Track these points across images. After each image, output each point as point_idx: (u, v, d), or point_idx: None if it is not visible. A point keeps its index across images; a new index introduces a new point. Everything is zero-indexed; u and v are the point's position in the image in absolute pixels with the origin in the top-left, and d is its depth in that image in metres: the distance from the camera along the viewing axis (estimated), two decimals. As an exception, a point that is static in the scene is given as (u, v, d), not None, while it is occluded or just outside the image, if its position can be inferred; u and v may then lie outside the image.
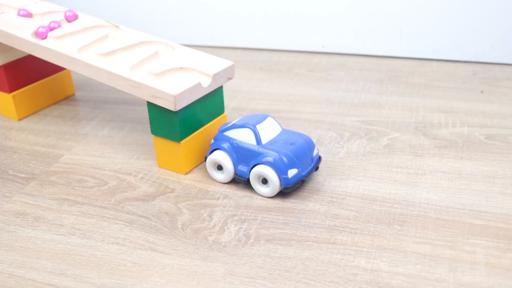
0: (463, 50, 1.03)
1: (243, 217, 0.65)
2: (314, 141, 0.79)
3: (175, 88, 0.67)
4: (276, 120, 0.71)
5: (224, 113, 0.77)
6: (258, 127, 0.68)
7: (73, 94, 0.98)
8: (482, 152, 0.74)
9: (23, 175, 0.75)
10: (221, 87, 0.75)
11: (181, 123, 0.70)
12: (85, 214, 0.67)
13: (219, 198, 0.68)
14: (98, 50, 0.75)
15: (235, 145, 0.68)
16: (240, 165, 0.69)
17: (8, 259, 0.60)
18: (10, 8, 0.86)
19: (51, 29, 0.80)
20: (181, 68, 0.73)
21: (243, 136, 0.68)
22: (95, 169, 0.76)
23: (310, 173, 0.68)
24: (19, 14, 0.80)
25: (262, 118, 0.70)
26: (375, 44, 1.08)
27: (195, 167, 0.75)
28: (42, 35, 0.78)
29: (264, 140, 0.68)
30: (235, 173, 0.69)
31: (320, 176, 0.71)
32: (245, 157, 0.68)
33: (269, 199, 0.67)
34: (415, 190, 0.67)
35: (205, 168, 0.74)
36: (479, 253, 0.57)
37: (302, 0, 1.09)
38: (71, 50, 0.76)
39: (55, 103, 0.95)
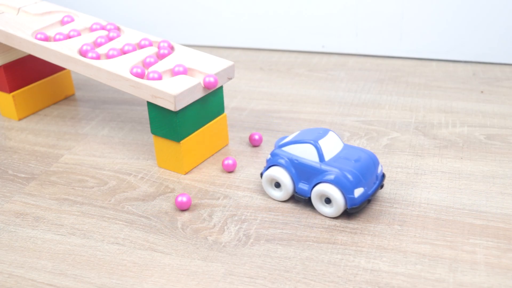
0: (463, 50, 1.03)
1: (243, 217, 0.65)
2: (314, 141, 0.79)
3: (175, 88, 0.67)
4: (337, 135, 0.67)
5: (224, 113, 0.77)
6: (320, 142, 0.63)
7: (73, 94, 0.98)
8: (482, 152, 0.74)
9: (23, 175, 0.75)
10: (221, 87, 0.75)
11: (181, 123, 0.70)
12: (85, 214, 0.67)
13: (219, 198, 0.68)
14: (98, 50, 0.75)
15: (295, 161, 0.64)
16: (301, 183, 0.64)
17: (8, 259, 0.60)
18: (10, 8, 0.86)
19: (98, 45, 0.77)
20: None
21: (304, 152, 0.64)
22: (95, 169, 0.76)
23: (375, 191, 0.63)
24: (36, 38, 0.78)
25: (323, 133, 0.65)
26: (375, 44, 1.08)
27: (195, 167, 0.75)
28: (85, 53, 0.75)
29: (327, 157, 0.63)
30: (295, 191, 0.65)
31: (320, 176, 0.71)
32: (306, 174, 0.64)
33: (269, 199, 0.67)
34: (415, 190, 0.67)
35: (205, 168, 0.74)
36: (479, 253, 0.57)
37: (302, 0, 1.09)
38: (71, 50, 0.76)
39: (55, 103, 0.95)
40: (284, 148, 0.65)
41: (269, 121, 0.85)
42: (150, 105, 0.71)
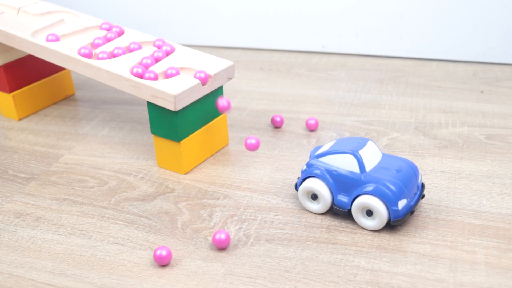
0: (463, 50, 1.03)
1: (243, 217, 0.65)
2: (314, 141, 0.79)
3: (175, 88, 0.67)
4: (376, 144, 0.65)
5: (224, 113, 0.77)
6: (361, 152, 0.61)
7: (73, 94, 0.98)
8: (482, 152, 0.74)
9: (23, 175, 0.75)
10: (221, 87, 0.75)
11: (181, 123, 0.70)
12: (85, 214, 0.67)
13: (219, 198, 0.68)
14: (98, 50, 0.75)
15: (334, 172, 0.61)
16: (340, 195, 0.62)
17: (8, 259, 0.60)
18: (10, 8, 0.86)
19: (95, 46, 0.76)
20: (181, 68, 0.73)
21: (344, 163, 0.61)
22: (95, 169, 0.76)
23: (417, 202, 0.61)
24: (47, 40, 0.75)
25: (362, 142, 0.62)
26: (375, 44, 1.08)
27: (195, 167, 0.75)
28: (87, 56, 0.74)
29: (368, 167, 0.61)
30: (333, 204, 0.63)
31: (320, 176, 0.71)
32: (346, 186, 0.61)
33: (269, 199, 0.67)
34: (415, 190, 0.67)
35: (205, 168, 0.74)
36: (479, 253, 0.57)
37: (302, 0, 1.09)
38: (71, 50, 0.76)
39: (55, 103, 0.95)
40: (321, 159, 0.63)
41: (269, 121, 0.85)
42: (150, 105, 0.71)
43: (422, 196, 0.63)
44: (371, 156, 0.62)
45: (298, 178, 0.65)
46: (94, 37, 0.79)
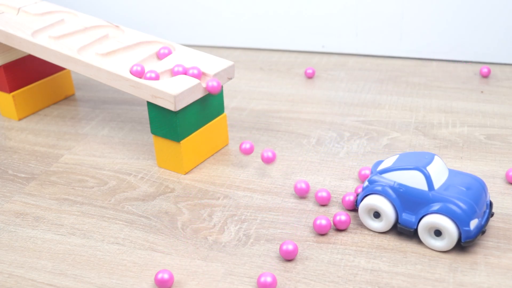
0: (463, 50, 1.03)
1: (243, 217, 0.65)
2: (314, 141, 0.79)
3: (175, 88, 0.67)
4: (442, 159, 0.62)
5: (224, 113, 0.77)
6: (429, 169, 0.58)
7: (73, 94, 0.98)
8: (482, 152, 0.74)
9: (23, 175, 0.75)
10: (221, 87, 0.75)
11: (181, 123, 0.70)
12: (85, 214, 0.67)
13: (219, 198, 0.68)
14: (98, 50, 0.76)
15: (400, 190, 0.58)
16: (405, 213, 0.59)
17: (8, 259, 0.60)
18: (10, 8, 0.86)
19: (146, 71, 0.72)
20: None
21: (410, 180, 0.58)
22: (95, 169, 0.76)
23: (487, 221, 0.58)
24: (131, 70, 0.71)
25: (429, 158, 0.59)
26: (375, 44, 1.08)
27: (195, 167, 0.75)
28: (138, 74, 0.71)
29: (436, 185, 0.57)
30: (398, 222, 0.59)
31: (320, 176, 0.71)
32: (412, 204, 0.58)
33: (269, 199, 0.67)
34: (415, 190, 0.67)
35: (205, 168, 0.74)
36: (479, 253, 0.57)
37: (302, 0, 1.09)
38: (71, 50, 0.76)
39: (55, 103, 0.95)
40: (385, 175, 0.60)
41: (269, 121, 0.85)
42: (150, 105, 0.71)
43: (492, 214, 0.59)
44: (439, 173, 0.58)
45: (358, 195, 0.62)
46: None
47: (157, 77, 0.70)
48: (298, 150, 0.77)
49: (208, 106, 0.74)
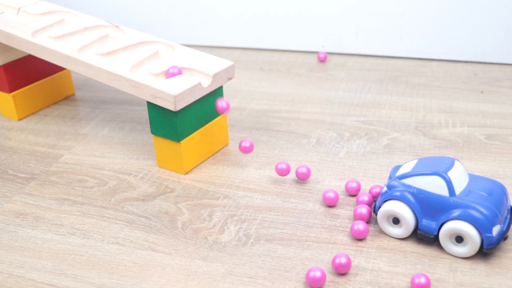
0: (463, 50, 1.03)
1: (243, 217, 0.65)
2: (314, 141, 0.79)
3: (175, 88, 0.67)
4: (462, 164, 0.61)
5: (224, 114, 0.77)
6: (449, 174, 0.57)
7: (73, 94, 0.98)
8: (482, 152, 0.74)
9: (23, 175, 0.75)
10: (221, 87, 0.75)
11: (181, 123, 0.70)
12: (85, 214, 0.67)
13: (219, 198, 0.68)
14: (98, 50, 0.76)
15: (420, 195, 0.58)
16: (425, 219, 0.58)
17: (8, 259, 0.60)
18: (10, 8, 0.86)
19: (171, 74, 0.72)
20: (181, 68, 0.73)
21: (430, 185, 0.57)
22: (95, 169, 0.76)
23: (509, 227, 0.57)
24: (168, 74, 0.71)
25: (450, 163, 0.58)
26: (375, 44, 1.08)
27: (195, 167, 0.75)
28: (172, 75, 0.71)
29: (457, 190, 0.57)
30: (418, 228, 0.59)
31: (320, 176, 0.71)
32: (432, 210, 0.57)
33: (269, 199, 0.67)
34: (415, 190, 0.67)
35: (205, 168, 0.74)
36: (479, 253, 0.57)
37: (302, 0, 1.09)
38: (71, 50, 0.76)
39: (55, 103, 0.95)
40: (404, 180, 0.59)
41: (269, 121, 0.85)
42: (150, 105, 0.71)
43: None
44: (460, 178, 0.58)
45: (375, 201, 0.62)
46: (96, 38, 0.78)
47: (179, 72, 0.71)
48: (298, 150, 0.77)
49: (208, 106, 0.74)
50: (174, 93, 0.67)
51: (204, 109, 0.73)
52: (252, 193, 0.69)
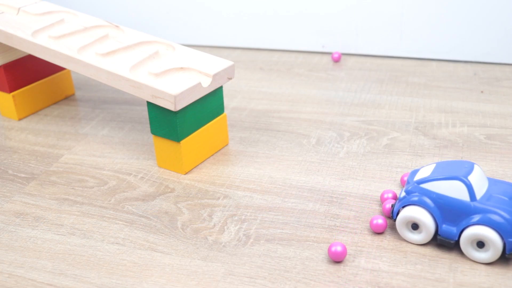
0: (463, 50, 1.03)
1: (243, 217, 0.65)
2: (314, 141, 0.79)
3: (175, 88, 0.67)
4: (481, 168, 0.60)
5: (224, 113, 0.77)
6: (470, 178, 0.56)
7: (73, 94, 0.98)
8: (482, 152, 0.74)
9: (23, 175, 0.75)
10: (221, 87, 0.75)
11: (181, 123, 0.70)
12: (85, 214, 0.67)
13: (219, 198, 0.68)
14: (98, 50, 0.76)
15: (440, 200, 0.57)
16: (445, 225, 0.57)
17: (8, 259, 0.60)
18: (10, 8, 0.86)
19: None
20: (181, 68, 0.73)
21: (450, 190, 0.56)
22: (95, 169, 0.76)
23: None
24: None
25: (469, 167, 0.57)
26: (375, 44, 1.08)
27: (195, 167, 0.75)
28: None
29: (478, 195, 0.56)
30: (438, 234, 0.58)
31: (320, 176, 0.71)
32: (453, 215, 0.56)
33: (269, 199, 0.67)
34: (415, 190, 0.67)
35: (205, 168, 0.74)
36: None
37: (302, 0, 1.09)
38: (71, 50, 0.76)
39: (55, 103, 0.95)
40: (424, 185, 0.58)
41: (269, 121, 0.85)
42: (150, 105, 0.71)
43: None
44: (480, 182, 0.57)
45: (392, 206, 0.60)
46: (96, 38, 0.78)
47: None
48: (298, 150, 0.77)
49: (208, 106, 0.74)
50: (174, 93, 0.67)
51: (204, 109, 0.73)
52: (252, 193, 0.69)
